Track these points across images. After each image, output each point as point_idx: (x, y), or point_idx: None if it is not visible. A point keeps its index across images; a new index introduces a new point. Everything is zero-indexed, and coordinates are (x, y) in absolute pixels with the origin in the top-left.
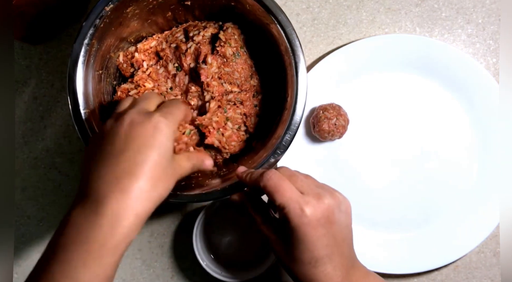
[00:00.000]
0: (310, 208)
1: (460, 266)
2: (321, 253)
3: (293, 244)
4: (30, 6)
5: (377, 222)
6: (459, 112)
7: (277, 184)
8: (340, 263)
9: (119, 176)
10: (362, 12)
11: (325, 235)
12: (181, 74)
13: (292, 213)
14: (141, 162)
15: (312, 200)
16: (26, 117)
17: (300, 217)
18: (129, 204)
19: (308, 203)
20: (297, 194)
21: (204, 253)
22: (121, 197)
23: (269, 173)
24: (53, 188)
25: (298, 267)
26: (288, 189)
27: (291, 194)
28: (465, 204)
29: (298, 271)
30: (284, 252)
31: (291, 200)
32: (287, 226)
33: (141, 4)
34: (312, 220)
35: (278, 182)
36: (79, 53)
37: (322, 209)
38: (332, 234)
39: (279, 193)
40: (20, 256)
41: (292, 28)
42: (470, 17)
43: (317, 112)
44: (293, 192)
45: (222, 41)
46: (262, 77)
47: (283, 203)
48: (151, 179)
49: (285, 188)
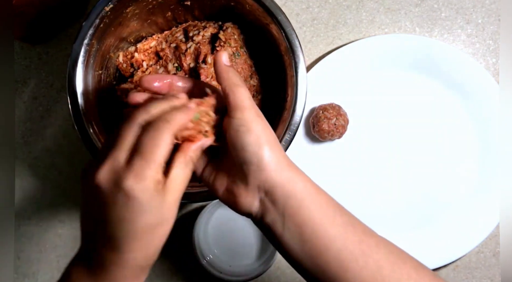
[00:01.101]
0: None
1: (460, 266)
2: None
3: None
4: (30, 6)
5: (376, 222)
6: (459, 112)
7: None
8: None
9: (109, 248)
10: (362, 12)
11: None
12: (181, 74)
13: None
14: (123, 237)
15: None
16: (25, 117)
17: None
18: (127, 273)
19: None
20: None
21: (204, 253)
22: (116, 268)
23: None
24: (53, 188)
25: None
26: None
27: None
28: (465, 204)
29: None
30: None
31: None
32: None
33: (141, 4)
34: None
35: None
36: (79, 53)
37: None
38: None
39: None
40: (20, 256)
41: (291, 28)
42: (470, 17)
43: (317, 112)
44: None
45: (222, 41)
46: (262, 77)
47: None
48: (141, 248)
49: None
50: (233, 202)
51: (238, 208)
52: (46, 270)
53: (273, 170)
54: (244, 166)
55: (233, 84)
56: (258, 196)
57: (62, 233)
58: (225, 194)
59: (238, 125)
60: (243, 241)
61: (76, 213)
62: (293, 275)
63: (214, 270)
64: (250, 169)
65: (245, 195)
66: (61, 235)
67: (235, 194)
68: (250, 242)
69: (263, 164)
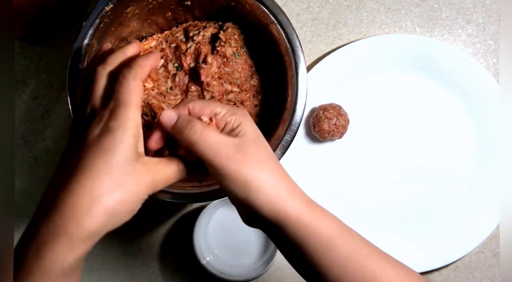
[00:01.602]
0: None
1: (460, 266)
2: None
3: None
4: (30, 6)
5: (377, 222)
6: (459, 113)
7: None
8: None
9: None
10: (362, 12)
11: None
12: (181, 74)
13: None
14: (78, 170)
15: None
16: (26, 117)
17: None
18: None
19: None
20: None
21: (204, 253)
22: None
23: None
24: None
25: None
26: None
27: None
28: (465, 204)
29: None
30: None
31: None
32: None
33: (141, 4)
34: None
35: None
36: (79, 53)
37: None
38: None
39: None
40: None
41: (292, 28)
42: (470, 17)
43: (317, 112)
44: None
45: (222, 41)
46: (262, 77)
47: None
48: (90, 191)
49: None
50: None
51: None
52: None
53: (271, 208)
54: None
55: (189, 144)
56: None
57: None
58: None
59: (214, 176)
60: (243, 241)
61: None
62: (294, 275)
63: (214, 270)
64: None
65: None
66: None
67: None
68: (251, 242)
69: (257, 205)
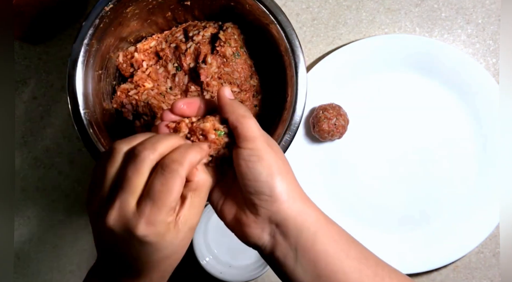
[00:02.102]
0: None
1: (460, 266)
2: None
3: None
4: (30, 6)
5: (376, 222)
6: (459, 113)
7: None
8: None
9: (126, 275)
10: (362, 12)
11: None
12: (180, 74)
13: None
14: (140, 270)
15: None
16: (25, 117)
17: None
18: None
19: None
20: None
21: (204, 253)
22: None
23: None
24: (53, 188)
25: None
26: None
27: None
28: (464, 204)
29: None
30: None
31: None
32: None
33: (141, 4)
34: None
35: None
36: (79, 53)
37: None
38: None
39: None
40: (19, 256)
41: (292, 28)
42: (470, 17)
43: (317, 112)
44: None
45: (222, 41)
46: (262, 77)
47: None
48: (156, 273)
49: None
50: (241, 231)
51: (246, 238)
52: (46, 270)
53: (285, 201)
54: (254, 196)
55: (240, 115)
56: (268, 228)
57: (62, 233)
58: (233, 222)
59: (249, 155)
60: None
61: (76, 213)
62: None
63: (214, 270)
64: (261, 199)
65: (254, 226)
66: (61, 235)
67: (243, 224)
68: None
69: (275, 194)
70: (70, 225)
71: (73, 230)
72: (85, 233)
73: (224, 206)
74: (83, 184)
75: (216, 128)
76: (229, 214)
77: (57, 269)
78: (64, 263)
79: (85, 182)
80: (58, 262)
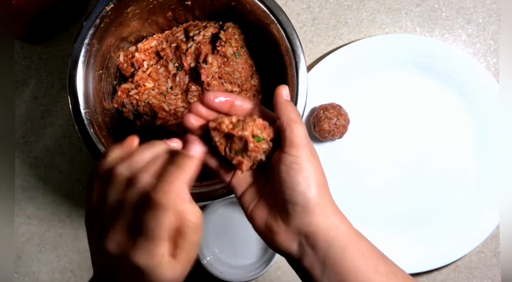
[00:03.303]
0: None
1: (461, 266)
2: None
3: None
4: (30, 6)
5: (377, 222)
6: (460, 112)
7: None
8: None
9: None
10: (363, 12)
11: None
12: (181, 74)
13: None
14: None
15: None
16: (26, 117)
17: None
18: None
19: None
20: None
21: (204, 253)
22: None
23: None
24: (53, 188)
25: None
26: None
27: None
28: (465, 204)
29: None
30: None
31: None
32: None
33: (141, 4)
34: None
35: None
36: (80, 53)
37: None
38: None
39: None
40: (20, 255)
41: (292, 28)
42: (471, 17)
43: (318, 112)
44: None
45: (223, 41)
46: (263, 77)
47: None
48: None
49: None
50: (271, 239)
51: (275, 246)
52: (46, 270)
53: (319, 215)
54: (289, 205)
55: (291, 120)
56: (297, 238)
57: (62, 233)
58: (263, 228)
59: (292, 162)
60: (243, 241)
61: (76, 212)
62: (294, 275)
63: (214, 270)
64: (295, 210)
65: (284, 235)
66: (61, 235)
67: (273, 231)
68: (251, 242)
69: (310, 207)
70: (70, 225)
71: (73, 230)
72: (85, 233)
73: (255, 210)
74: (83, 183)
75: (254, 135)
76: (259, 219)
77: (57, 269)
78: (64, 263)
79: (85, 182)
80: (58, 262)
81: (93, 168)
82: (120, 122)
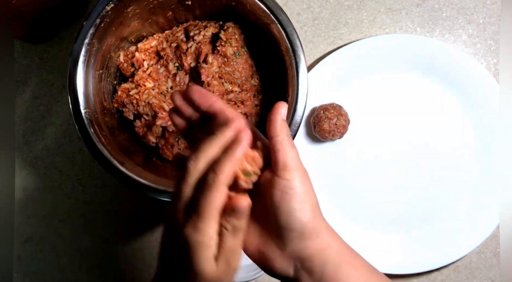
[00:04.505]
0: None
1: (461, 266)
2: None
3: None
4: (30, 6)
5: (377, 222)
6: (460, 113)
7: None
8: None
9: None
10: (363, 12)
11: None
12: (181, 74)
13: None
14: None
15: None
16: (26, 116)
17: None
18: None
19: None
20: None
21: None
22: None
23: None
24: (53, 188)
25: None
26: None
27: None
28: (465, 204)
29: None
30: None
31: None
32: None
33: (142, 4)
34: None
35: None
36: (80, 52)
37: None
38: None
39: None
40: (20, 255)
41: (292, 28)
42: (471, 17)
43: (318, 112)
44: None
45: (223, 41)
46: (263, 77)
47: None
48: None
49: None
50: (266, 266)
51: (273, 272)
52: (46, 269)
53: (315, 239)
54: (284, 231)
55: (285, 141)
56: (293, 263)
57: (62, 233)
58: (256, 254)
59: (285, 187)
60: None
61: (76, 212)
62: None
63: None
64: (291, 235)
65: (280, 261)
66: (61, 235)
67: (269, 258)
68: None
69: (306, 232)
70: (70, 225)
71: (73, 230)
72: (86, 233)
73: (246, 236)
74: (83, 183)
75: (244, 171)
76: (251, 245)
77: (57, 269)
78: (64, 263)
79: (86, 182)
80: (58, 262)
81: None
82: (120, 122)
